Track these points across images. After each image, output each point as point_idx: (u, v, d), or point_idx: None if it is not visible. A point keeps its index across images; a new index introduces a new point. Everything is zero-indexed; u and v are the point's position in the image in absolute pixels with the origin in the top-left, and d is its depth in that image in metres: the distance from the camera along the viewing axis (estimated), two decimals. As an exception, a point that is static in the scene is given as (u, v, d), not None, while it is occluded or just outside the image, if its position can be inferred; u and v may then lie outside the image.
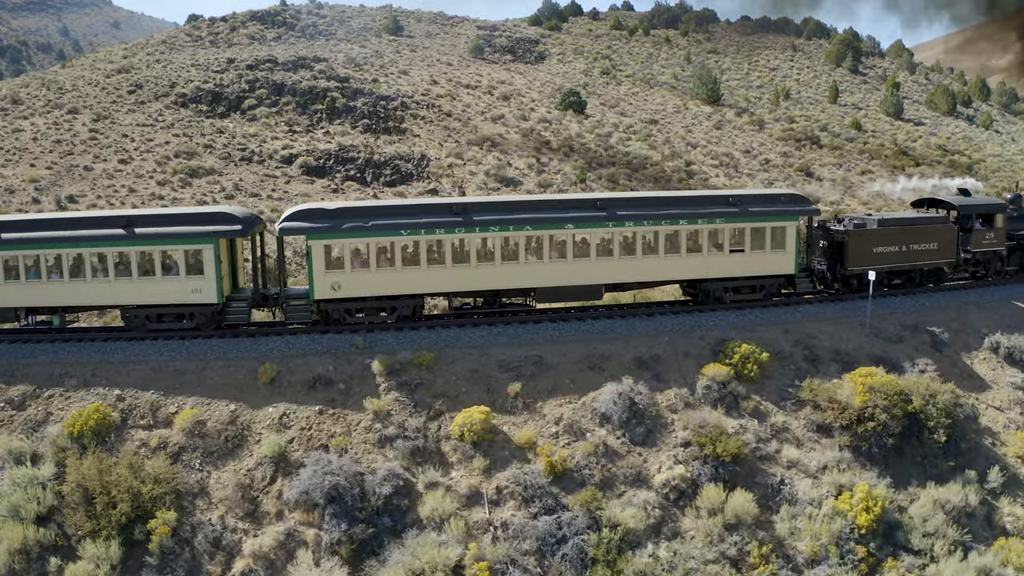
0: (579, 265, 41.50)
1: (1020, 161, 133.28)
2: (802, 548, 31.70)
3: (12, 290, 39.23)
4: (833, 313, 43.27)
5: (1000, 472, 36.42)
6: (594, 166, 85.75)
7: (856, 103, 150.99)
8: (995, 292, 48.96)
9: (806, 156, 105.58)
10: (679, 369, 37.04)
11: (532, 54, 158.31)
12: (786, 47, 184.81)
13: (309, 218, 39.43)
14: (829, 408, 35.79)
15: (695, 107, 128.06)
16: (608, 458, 33.33)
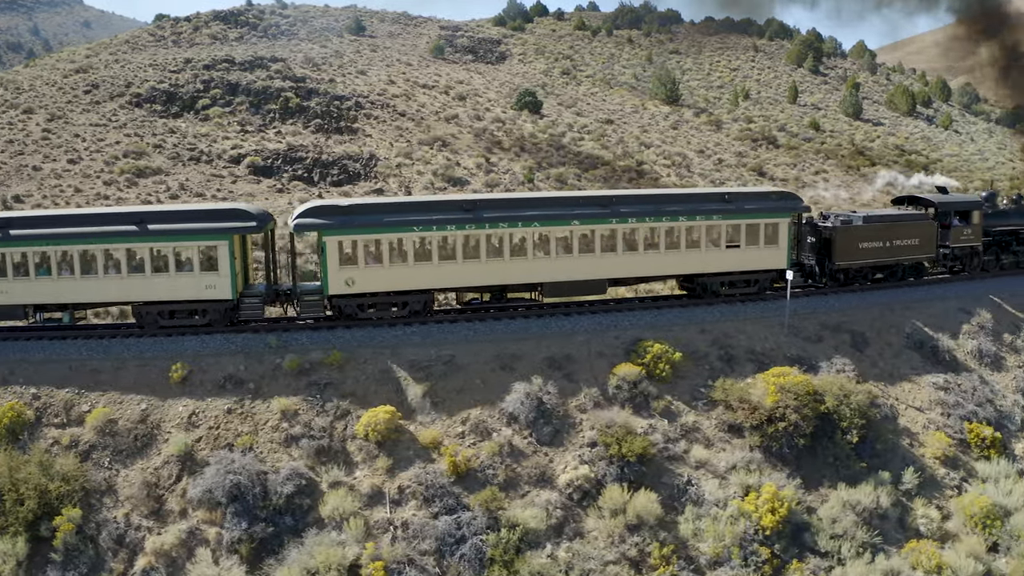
0: (584, 260, 42.47)
1: (977, 161, 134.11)
2: (705, 549, 31.53)
3: (21, 287, 38.96)
4: (753, 313, 43.20)
5: (916, 473, 36.36)
6: (544, 166, 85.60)
7: (816, 103, 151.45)
8: (922, 291, 49.45)
9: (761, 156, 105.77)
10: (591, 369, 36.82)
11: (493, 54, 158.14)
12: (748, 48, 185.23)
13: (323, 214, 39.80)
14: (740, 408, 35.62)
15: (653, 107, 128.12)
16: (513, 458, 33.10)
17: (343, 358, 35.97)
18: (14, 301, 39.13)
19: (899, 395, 40.51)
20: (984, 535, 34.71)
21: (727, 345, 39.54)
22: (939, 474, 37.55)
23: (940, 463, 37.99)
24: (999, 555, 34.49)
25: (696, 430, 35.49)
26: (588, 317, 41.15)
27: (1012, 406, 42.53)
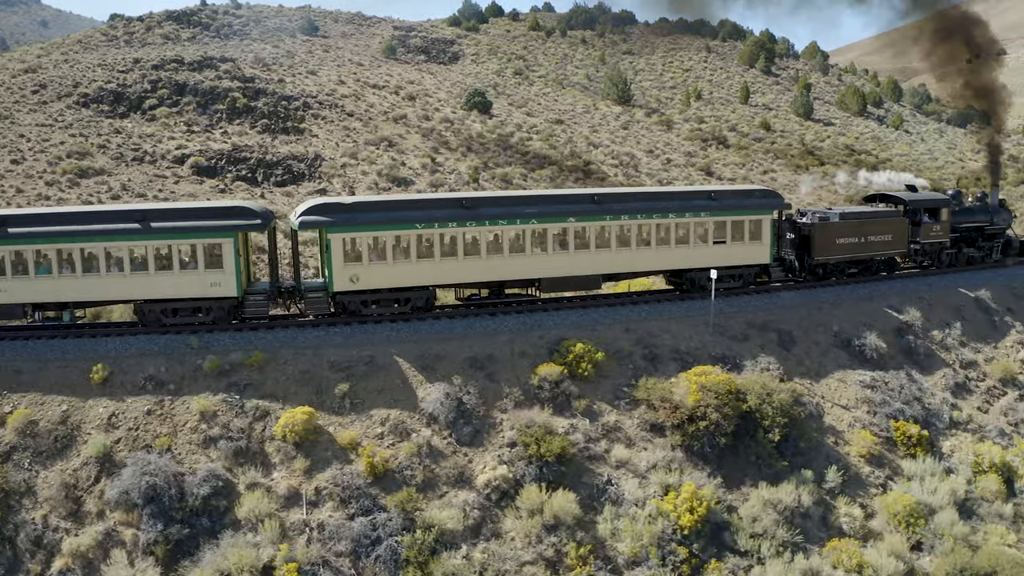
0: (580, 256, 43.74)
1: (927, 161, 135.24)
2: (623, 549, 31.45)
3: (20, 285, 38.41)
4: (679, 312, 43.27)
5: (839, 471, 36.49)
6: (490, 166, 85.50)
7: (767, 104, 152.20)
8: (846, 291, 49.90)
9: (710, 156, 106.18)
10: (513, 369, 36.68)
11: (446, 55, 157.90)
12: (701, 49, 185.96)
13: (327, 212, 40.05)
14: (662, 407, 35.58)
15: (605, 108, 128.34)
16: (432, 459, 32.91)
17: (264, 359, 35.65)
18: (12, 300, 38.56)
19: (825, 393, 40.67)
20: (907, 533, 34.88)
21: (652, 344, 39.51)
22: (864, 472, 37.71)
23: (865, 461, 38.15)
24: (923, 553, 34.67)
25: (618, 429, 35.45)
26: (513, 317, 41.06)
27: (941, 404, 42.77)
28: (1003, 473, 39.62)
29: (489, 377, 36.11)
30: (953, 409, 42.93)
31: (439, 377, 35.34)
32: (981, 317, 50.78)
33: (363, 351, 36.32)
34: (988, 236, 59.90)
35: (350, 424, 33.67)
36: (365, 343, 37.21)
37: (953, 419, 42.42)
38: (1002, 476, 39.42)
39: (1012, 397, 45.43)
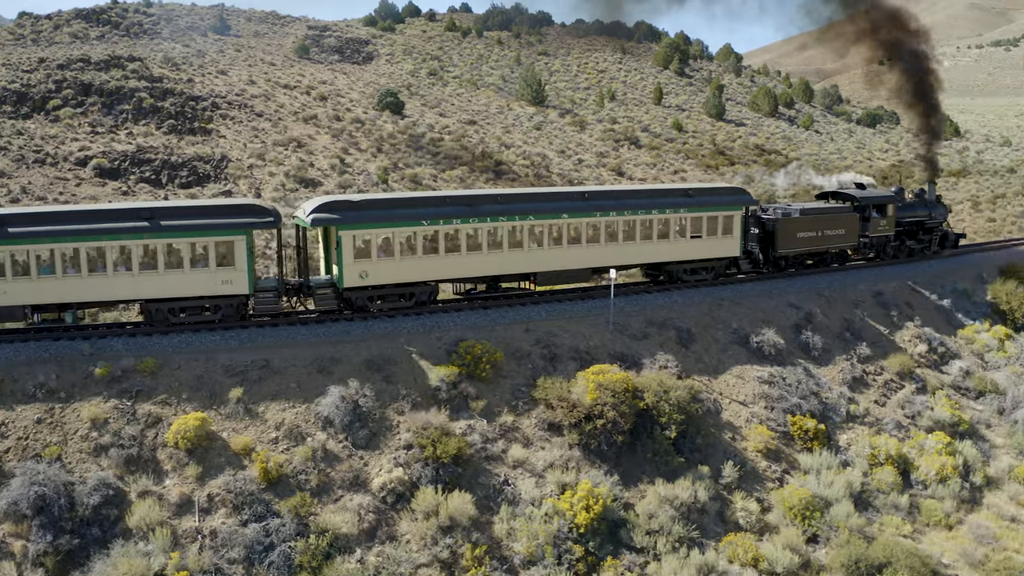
0: (572, 251, 45.69)
1: (836, 160, 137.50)
2: (519, 549, 31.46)
3: (21, 287, 37.22)
4: (579, 311, 43.43)
5: (736, 467, 36.91)
6: (400, 166, 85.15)
7: (680, 105, 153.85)
8: (749, 288, 50.68)
9: (622, 156, 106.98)
10: (411, 371, 36.45)
11: (361, 55, 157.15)
12: (616, 50, 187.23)
13: (337, 209, 40.70)
14: (560, 407, 35.59)
15: (519, 108, 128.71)
16: (327, 462, 32.59)
17: (156, 364, 34.96)
18: (13, 302, 37.36)
19: (723, 389, 41.12)
20: (803, 527, 35.40)
21: (551, 344, 39.56)
22: (760, 467, 38.19)
23: (762, 456, 38.64)
24: (819, 546, 35.20)
25: (515, 429, 35.45)
26: (412, 319, 40.83)
27: (837, 398, 43.48)
28: (899, 465, 40.40)
29: (386, 379, 35.85)
30: (850, 403, 43.67)
31: (335, 380, 34.95)
32: (879, 312, 51.73)
33: (258, 355, 35.83)
34: (927, 230, 63.90)
35: (244, 429, 33.21)
36: (260, 347, 36.73)
37: (850, 413, 43.15)
38: (898, 468, 40.19)
39: (909, 390, 46.33)
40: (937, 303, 55.53)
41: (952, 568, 35.05)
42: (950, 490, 39.66)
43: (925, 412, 44.56)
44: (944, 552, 35.80)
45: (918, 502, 39.22)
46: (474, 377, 36.60)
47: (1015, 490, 41.54)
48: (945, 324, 54.05)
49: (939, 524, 38.07)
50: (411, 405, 35.02)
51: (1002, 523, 38.69)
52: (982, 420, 46.52)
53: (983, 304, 58.07)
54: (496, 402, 36.32)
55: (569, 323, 41.54)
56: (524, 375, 37.85)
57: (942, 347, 51.20)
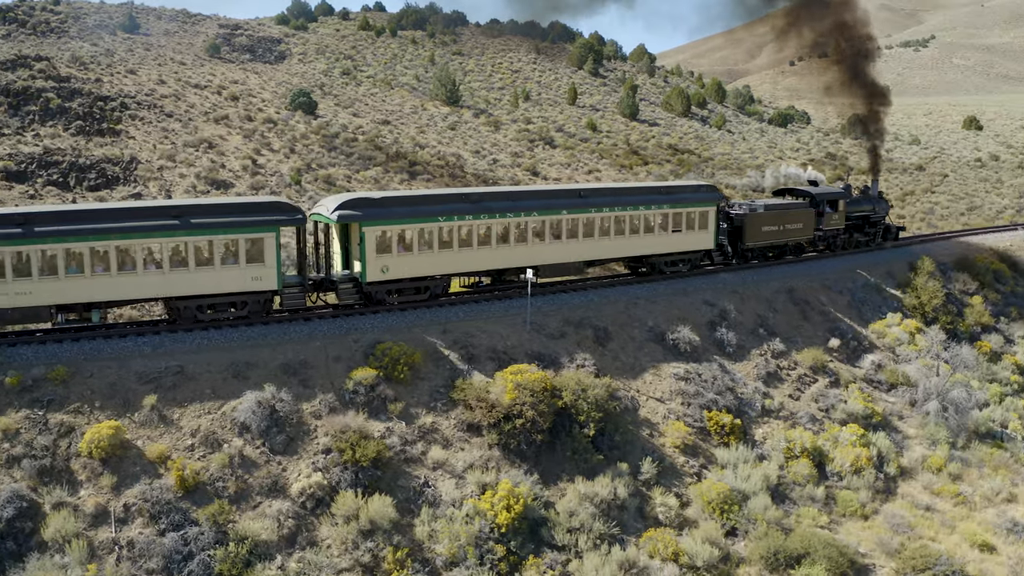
0: (570, 245, 48.63)
1: (748, 159, 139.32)
2: (441, 550, 31.34)
3: (47, 287, 36.45)
4: (497, 311, 43.46)
5: (654, 463, 37.19)
6: (313, 167, 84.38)
7: (594, 105, 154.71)
8: (659, 286, 51.31)
9: (537, 156, 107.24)
10: (328, 374, 36.10)
11: (273, 54, 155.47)
12: (530, 50, 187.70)
13: (360, 207, 42.04)
14: (478, 407, 35.55)
15: (433, 108, 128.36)
16: (245, 469, 32.13)
17: (67, 372, 34.08)
18: (39, 302, 36.61)
19: (640, 387, 41.44)
20: (722, 520, 35.82)
21: (468, 344, 39.51)
22: (679, 462, 38.56)
23: (680, 451, 39.02)
24: (737, 539, 35.65)
25: (434, 431, 35.31)
26: (328, 321, 40.48)
27: (753, 393, 44.10)
28: (814, 457, 41.14)
29: (303, 383, 35.46)
30: (765, 398, 44.33)
31: (251, 385, 34.46)
32: (792, 308, 52.60)
33: (172, 361, 35.19)
34: (872, 223, 69.52)
35: (159, 437, 32.59)
36: (174, 352, 36.06)
37: (765, 407, 43.82)
38: (813, 460, 40.92)
39: (822, 384, 47.20)
40: (849, 299, 56.67)
41: (869, 557, 35.78)
42: (865, 481, 40.51)
43: (838, 405, 45.43)
44: (861, 541, 36.54)
45: (834, 493, 39.95)
46: (392, 379, 36.35)
47: (928, 480, 42.57)
48: (857, 319, 55.18)
49: (855, 514, 38.84)
50: (329, 409, 34.68)
51: (916, 512, 39.62)
52: (894, 412, 47.56)
53: (894, 299, 59.35)
54: (415, 404, 36.14)
55: (487, 323, 41.53)
56: (442, 376, 37.73)
57: (854, 341, 52.29)
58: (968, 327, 59.48)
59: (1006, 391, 53.86)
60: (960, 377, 51.44)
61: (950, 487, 42.11)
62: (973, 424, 47.39)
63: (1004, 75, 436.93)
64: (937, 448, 45.07)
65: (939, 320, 57.79)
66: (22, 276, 36.03)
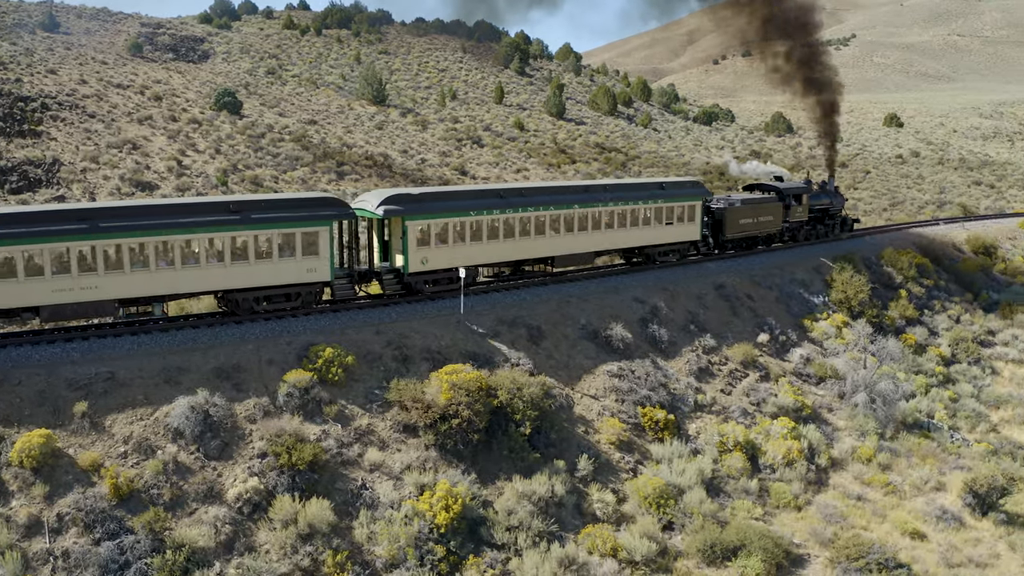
0: (581, 237, 52.51)
1: (674, 157, 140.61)
2: (380, 552, 31.22)
3: (113, 281, 37.21)
4: (430, 311, 43.37)
5: (590, 459, 37.35)
6: (240, 168, 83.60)
7: (521, 104, 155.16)
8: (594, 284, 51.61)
9: (465, 155, 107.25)
10: (261, 377, 35.76)
11: (196, 53, 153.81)
12: (457, 49, 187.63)
13: (402, 202, 44.66)
14: (414, 408, 35.41)
15: (360, 108, 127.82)
16: (180, 475, 31.71)
17: (-7, 381, 33.49)
18: (105, 296, 37.17)
19: (575, 385, 41.67)
20: (659, 515, 36.06)
21: (402, 345, 39.34)
22: (614, 459, 38.81)
23: (615, 448, 39.26)
24: (675, 532, 35.95)
25: (371, 433, 35.15)
26: (260, 324, 40.09)
27: (685, 388, 44.54)
28: (747, 451, 41.66)
29: (236, 387, 35.07)
30: (697, 393, 44.81)
31: (184, 390, 33.99)
32: (722, 304, 53.23)
33: (102, 367, 34.59)
34: (831, 216, 75.18)
35: (91, 445, 32.03)
36: (104, 358, 35.43)
37: (698, 402, 44.27)
38: (746, 454, 41.44)
39: (753, 378, 47.81)
40: (777, 294, 57.52)
41: (803, 547, 36.33)
42: (797, 473, 41.13)
43: (769, 399, 46.09)
44: (795, 532, 37.09)
45: (767, 485, 40.50)
46: (326, 382, 36.09)
47: (858, 470, 43.37)
48: (785, 314, 56.04)
49: (788, 506, 39.41)
50: (263, 413, 34.33)
51: (848, 502, 40.33)
52: (824, 404, 48.39)
53: (821, 293, 60.36)
54: (350, 406, 35.94)
55: (420, 324, 41.42)
56: (377, 378, 37.56)
57: (783, 336, 53.09)
58: (893, 320, 60.83)
59: (931, 382, 55.15)
60: (887, 369, 52.48)
61: (880, 477, 42.93)
62: (900, 415, 48.37)
63: (923, 73, 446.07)
64: (866, 439, 45.94)
65: (865, 314, 58.97)
66: (87, 271, 36.54)
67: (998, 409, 55.61)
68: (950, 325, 65.31)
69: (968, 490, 41.37)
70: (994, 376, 61.09)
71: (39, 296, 35.95)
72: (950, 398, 54.02)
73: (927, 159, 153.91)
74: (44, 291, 35.94)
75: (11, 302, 35.71)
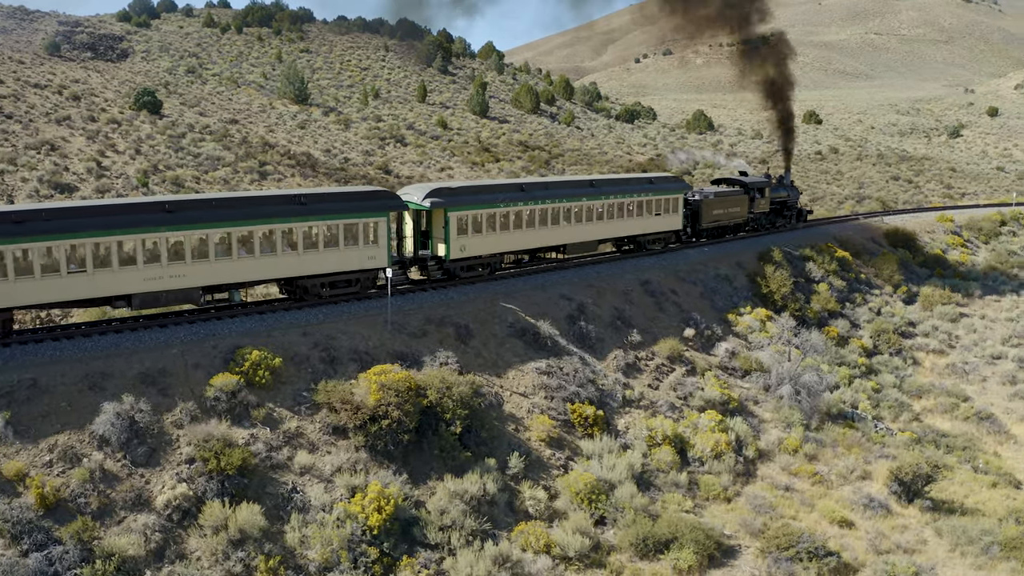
0: (587, 226, 57.57)
1: (596, 155, 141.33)
2: (313, 556, 31.00)
3: (199, 269, 39.68)
4: (357, 311, 43.14)
5: (521, 457, 37.44)
6: (160, 168, 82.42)
7: (444, 102, 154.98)
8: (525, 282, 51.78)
9: (388, 154, 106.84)
10: (187, 382, 35.26)
11: (115, 51, 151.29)
12: (379, 47, 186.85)
13: (444, 195, 48.80)
14: (343, 409, 35.16)
15: (282, 106, 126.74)
16: (107, 483, 31.18)
17: (-89, 389, 32.64)
18: (191, 284, 39.57)
19: (504, 383, 41.75)
20: (590, 510, 36.26)
21: (330, 346, 39.06)
22: (545, 455, 38.97)
23: (545, 445, 39.41)
24: (607, 527, 36.18)
25: (300, 435, 34.87)
26: (184, 327, 39.51)
27: (613, 384, 44.85)
28: (676, 444, 42.07)
29: (162, 392, 34.51)
30: (625, 388, 45.17)
31: (109, 396, 33.36)
32: (648, 300, 53.72)
33: (24, 374, 33.83)
34: (788, 207, 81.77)
35: (15, 454, 31.34)
36: (25, 365, 34.67)
37: (626, 398, 44.61)
38: (675, 447, 41.85)
39: (679, 373, 48.35)
40: (701, 289, 58.25)
41: (734, 538, 36.81)
42: (725, 465, 41.68)
43: (696, 393, 46.63)
44: (725, 524, 37.56)
45: (697, 478, 40.97)
46: (254, 385, 35.67)
47: (785, 461, 44.09)
48: (710, 308, 56.78)
49: (718, 498, 39.94)
50: (190, 417, 33.82)
51: (776, 492, 40.99)
52: (750, 397, 49.09)
53: (744, 288, 61.22)
54: (278, 409, 35.61)
55: (347, 324, 41.20)
56: (305, 380, 37.23)
57: (708, 330, 53.75)
58: (816, 313, 61.98)
59: (854, 373, 56.31)
60: (810, 361, 53.43)
61: (807, 467, 43.67)
62: (825, 406, 49.27)
63: (841, 71, 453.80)
64: (792, 430, 46.69)
65: (788, 307, 59.97)
66: (177, 260, 38.92)
67: (920, 398, 57.00)
68: (871, 317, 66.76)
69: (894, 478, 42.26)
70: (915, 366, 62.61)
71: (131, 284, 38.07)
72: (873, 388, 55.16)
73: (846, 155, 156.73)
74: (136, 279, 38.05)
75: (105, 290, 37.60)
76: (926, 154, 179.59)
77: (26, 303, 36.50)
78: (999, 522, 40.17)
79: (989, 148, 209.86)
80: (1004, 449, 52.65)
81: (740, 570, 35.05)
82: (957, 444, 50.32)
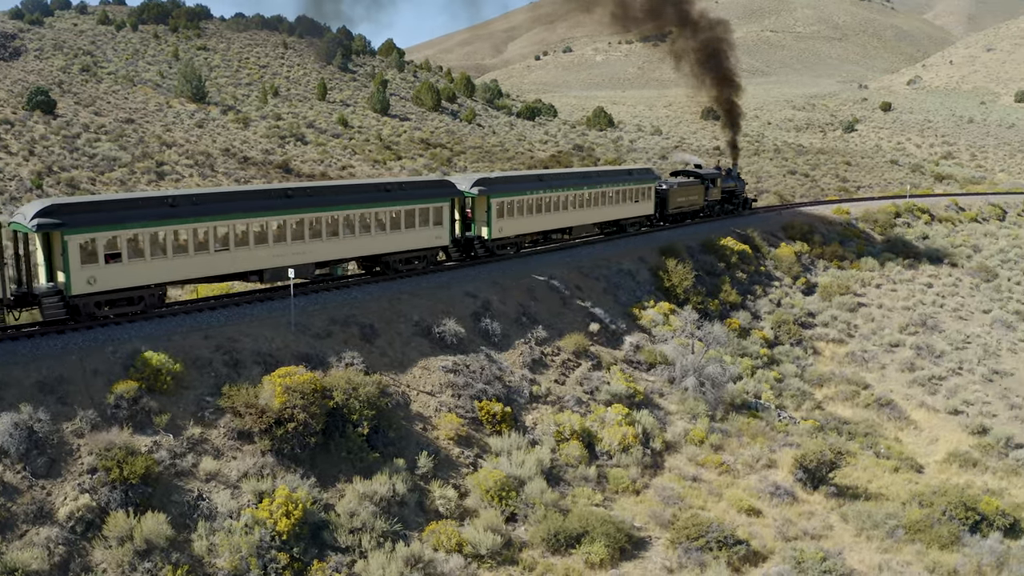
0: (585, 211, 66.67)
1: (499, 152, 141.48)
2: (222, 564, 30.49)
3: (315, 247, 46.56)
4: (260, 313, 42.59)
5: (430, 456, 37.33)
6: (55, 170, 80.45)
7: (345, 100, 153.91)
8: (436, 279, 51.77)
9: (289, 153, 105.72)
10: (87, 389, 34.42)
11: (7, 50, 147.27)
12: (277, 45, 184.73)
13: (487, 184, 56.65)
14: (248, 413, 34.62)
15: (179, 105, 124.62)
16: (7, 496, 30.27)
17: None
18: (309, 260, 46.30)
19: (410, 382, 41.60)
20: (501, 507, 36.28)
21: (232, 349, 38.43)
22: (454, 454, 38.92)
23: (454, 443, 39.35)
24: (518, 524, 36.26)
25: (204, 441, 34.27)
26: (82, 333, 38.54)
27: (520, 380, 44.97)
28: (584, 439, 42.36)
29: (61, 401, 33.64)
30: (532, 384, 45.31)
31: (6, 406, 32.36)
32: (553, 296, 53.96)
33: (-85, 384, 32.86)
34: (736, 196, 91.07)
35: (-89, 471, 30.40)
36: (-84, 376, 33.67)
37: (533, 393, 44.78)
38: (583, 442, 42.13)
39: (585, 368, 48.64)
40: (605, 284, 58.70)
41: (644, 530, 37.20)
42: (633, 457, 42.12)
43: (603, 387, 47.01)
44: (635, 516, 37.94)
45: (605, 472, 41.31)
46: (155, 390, 34.90)
47: (692, 452, 44.71)
48: (614, 303, 57.25)
49: (627, 490, 40.32)
50: (91, 426, 33.03)
51: (684, 483, 41.55)
52: (655, 390, 49.66)
53: (647, 283, 61.89)
54: (181, 415, 34.93)
55: (250, 326, 40.62)
56: (208, 384, 36.57)
57: (613, 325, 54.20)
58: (718, 306, 62.94)
59: (756, 364, 57.37)
60: (714, 353, 54.22)
61: (713, 457, 44.35)
62: (729, 397, 50.10)
63: (740, 68, 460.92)
64: (697, 421, 47.35)
65: (691, 301, 60.78)
66: (298, 239, 45.64)
67: (821, 387, 58.33)
68: (772, 309, 68.11)
69: (799, 466, 43.12)
70: (816, 356, 64.05)
71: (264, 260, 44.41)
72: (775, 378, 56.26)
73: (743, 150, 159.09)
74: (268, 256, 44.43)
75: (243, 266, 43.78)
76: (822, 148, 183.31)
77: (179, 278, 42.13)
78: (903, 506, 41.27)
79: (883, 142, 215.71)
80: (904, 435, 54.15)
81: (651, 561, 35.42)
82: (859, 431, 51.61)
